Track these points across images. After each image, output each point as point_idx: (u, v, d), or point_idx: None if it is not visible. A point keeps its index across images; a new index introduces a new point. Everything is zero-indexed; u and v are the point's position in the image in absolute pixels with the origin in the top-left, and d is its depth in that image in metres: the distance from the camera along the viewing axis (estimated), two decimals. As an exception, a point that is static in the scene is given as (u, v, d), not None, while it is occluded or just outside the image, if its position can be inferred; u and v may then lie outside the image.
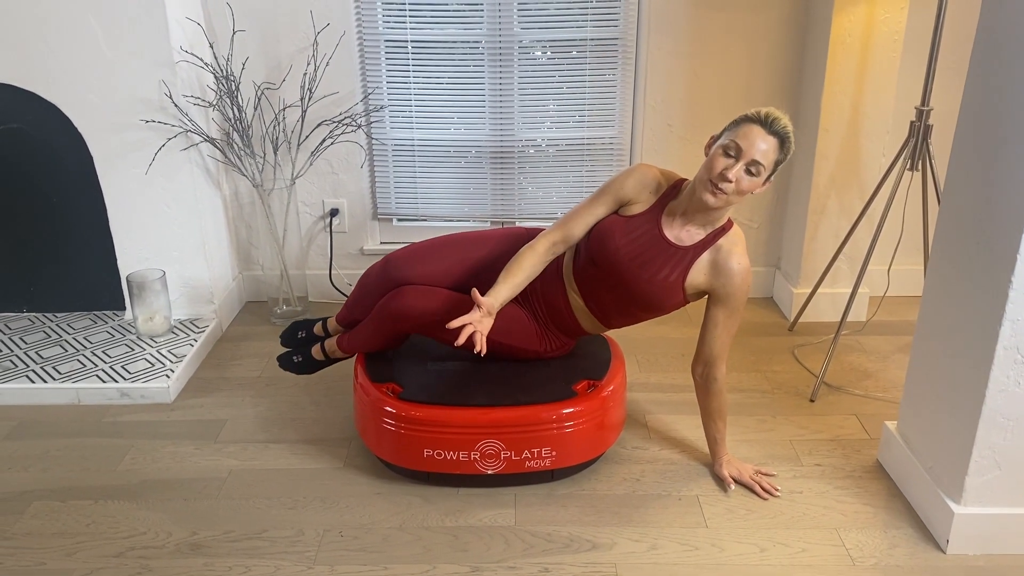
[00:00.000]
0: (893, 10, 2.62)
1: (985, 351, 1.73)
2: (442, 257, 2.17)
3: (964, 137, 1.82)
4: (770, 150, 1.82)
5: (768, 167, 1.84)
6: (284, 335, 2.49)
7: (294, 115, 2.93)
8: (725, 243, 1.94)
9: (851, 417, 2.41)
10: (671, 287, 1.95)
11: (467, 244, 2.19)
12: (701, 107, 2.98)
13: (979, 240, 1.75)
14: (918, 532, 1.94)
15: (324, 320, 2.44)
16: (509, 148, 3.07)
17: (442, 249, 2.18)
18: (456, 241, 2.20)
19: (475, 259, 2.17)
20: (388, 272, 2.17)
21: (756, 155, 1.81)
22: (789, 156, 1.88)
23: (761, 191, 1.90)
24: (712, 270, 1.94)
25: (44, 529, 1.97)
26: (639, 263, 1.94)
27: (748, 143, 1.82)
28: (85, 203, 2.78)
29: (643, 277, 1.94)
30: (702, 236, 1.94)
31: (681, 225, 1.95)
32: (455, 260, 2.16)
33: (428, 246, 2.20)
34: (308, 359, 2.40)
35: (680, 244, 1.94)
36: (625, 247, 1.95)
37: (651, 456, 2.24)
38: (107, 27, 2.52)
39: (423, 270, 2.15)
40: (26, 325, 2.87)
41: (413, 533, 1.95)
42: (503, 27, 2.89)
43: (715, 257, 1.94)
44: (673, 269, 1.94)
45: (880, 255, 2.98)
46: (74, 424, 2.41)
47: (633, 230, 1.96)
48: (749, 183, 1.84)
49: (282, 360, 2.43)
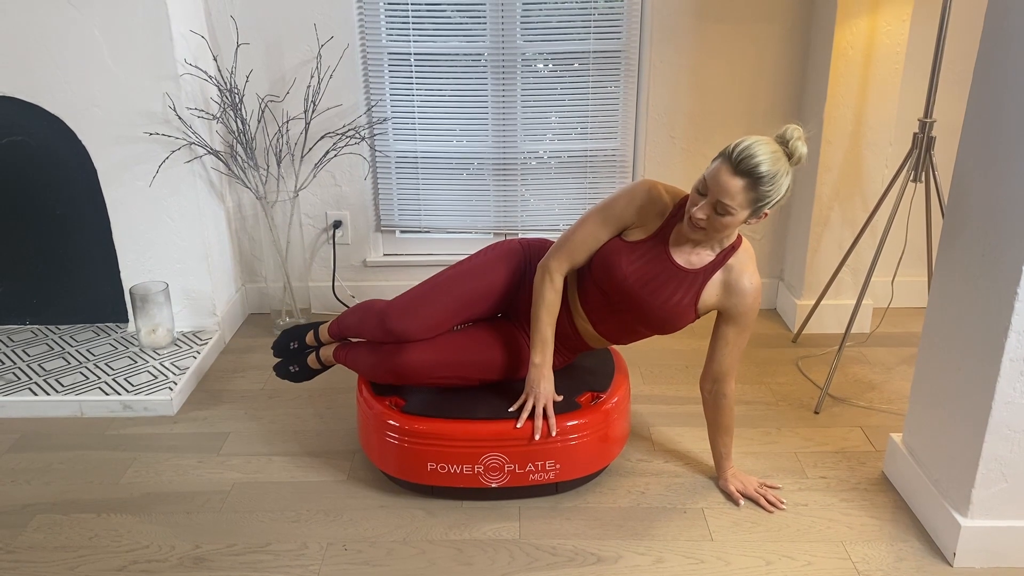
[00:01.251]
0: (895, 22, 2.63)
1: (991, 363, 1.72)
2: (439, 301, 2.06)
3: (968, 149, 1.82)
4: (737, 191, 1.71)
5: (739, 207, 1.74)
6: (276, 345, 2.46)
7: (298, 127, 2.93)
8: (736, 262, 1.90)
9: (856, 429, 2.40)
10: (684, 310, 1.92)
11: (462, 279, 2.09)
12: (704, 119, 2.98)
13: (984, 252, 1.74)
14: (924, 545, 1.93)
15: (315, 329, 2.39)
16: (512, 160, 3.07)
17: (438, 291, 2.07)
18: (451, 278, 2.09)
19: (473, 290, 2.07)
20: (387, 325, 2.05)
21: (721, 197, 1.72)
22: (772, 193, 1.74)
23: (755, 223, 1.82)
24: (724, 290, 1.91)
25: (47, 543, 1.96)
26: (650, 290, 1.90)
27: (714, 183, 1.73)
28: (88, 215, 2.78)
29: (655, 304, 1.91)
30: (712, 257, 1.90)
31: (691, 248, 1.90)
32: (453, 299, 2.06)
33: (423, 292, 2.08)
34: (305, 369, 2.39)
35: (690, 267, 1.90)
36: (633, 275, 1.91)
37: (656, 469, 2.23)
38: (112, 40, 2.53)
39: (422, 320, 2.04)
40: (29, 337, 2.87)
41: (417, 547, 1.94)
42: (506, 39, 2.90)
43: (727, 277, 1.90)
44: (685, 293, 1.90)
45: (884, 267, 2.98)
46: (77, 437, 2.40)
47: (640, 256, 1.91)
48: (722, 222, 1.76)
49: (278, 370, 2.42)
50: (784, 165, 1.74)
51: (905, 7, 2.61)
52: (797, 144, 1.76)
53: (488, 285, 2.09)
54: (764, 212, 1.78)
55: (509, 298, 2.12)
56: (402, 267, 3.21)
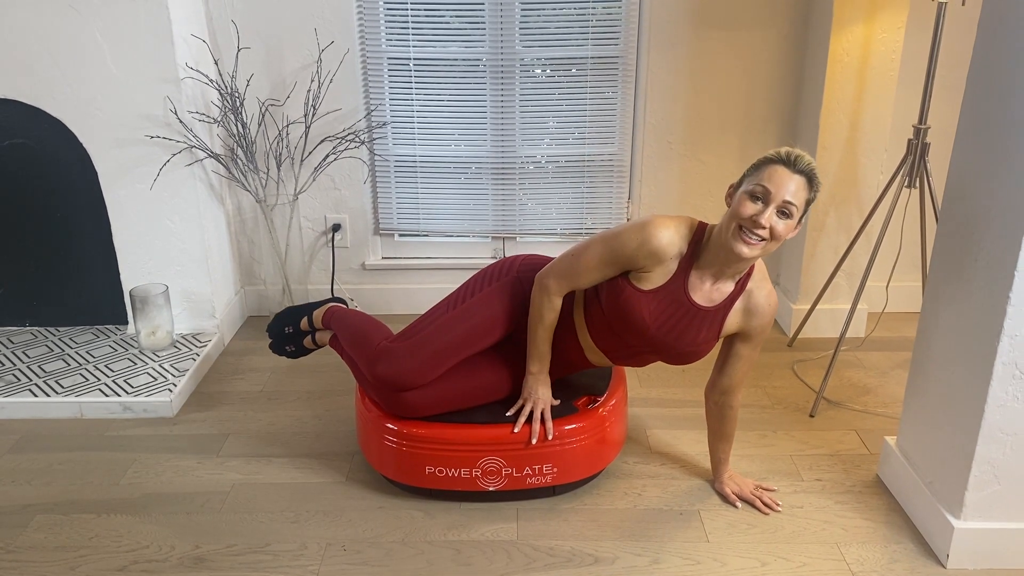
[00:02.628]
0: (890, 30, 2.66)
1: (984, 366, 1.75)
2: (445, 364, 2.01)
3: (961, 155, 1.84)
4: (799, 189, 1.72)
5: (800, 207, 1.74)
6: (270, 328, 2.42)
7: (298, 131, 2.95)
8: (753, 285, 1.89)
9: (851, 432, 2.42)
10: (708, 343, 1.92)
11: (469, 340, 2.02)
12: (701, 124, 3.01)
13: (977, 256, 1.77)
14: (918, 547, 1.95)
15: (310, 316, 2.36)
16: (510, 164, 3.09)
17: (444, 357, 2.00)
18: (458, 343, 2.01)
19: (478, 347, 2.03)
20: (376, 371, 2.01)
21: (787, 195, 1.71)
22: (817, 194, 1.79)
23: (794, 234, 1.81)
24: (745, 315, 1.91)
25: (47, 543, 1.97)
26: (674, 336, 1.89)
27: (776, 184, 1.71)
28: (89, 218, 2.80)
29: (680, 348, 1.90)
30: (731, 289, 1.88)
31: (711, 285, 1.87)
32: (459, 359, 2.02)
33: (430, 357, 2.00)
34: (300, 349, 2.42)
35: (711, 305, 1.88)
36: (655, 323, 1.87)
37: (652, 471, 2.24)
38: (113, 44, 2.54)
39: (429, 385, 2.02)
40: (29, 339, 2.88)
41: (416, 547, 1.96)
42: (504, 45, 2.92)
43: (747, 303, 1.90)
44: (709, 329, 1.89)
45: (879, 271, 3.00)
46: (77, 438, 2.41)
47: (659, 304, 1.87)
48: (784, 227, 1.73)
49: (274, 348, 2.42)
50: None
51: (900, 15, 2.64)
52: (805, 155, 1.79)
53: (487, 325, 2.03)
54: (803, 220, 1.80)
55: (508, 334, 2.08)
56: (401, 270, 3.23)
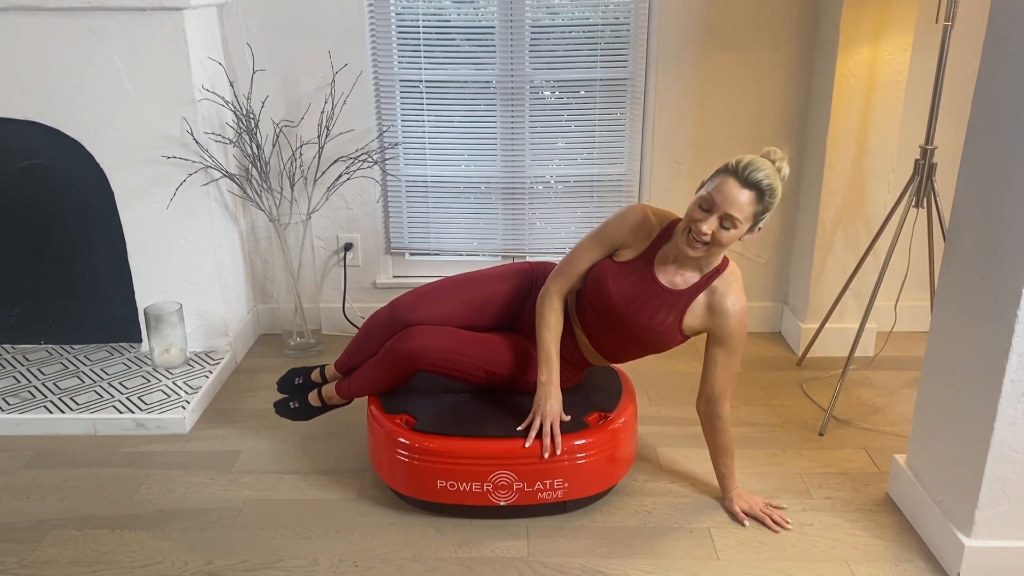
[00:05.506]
0: (896, 51, 2.69)
1: (992, 384, 1.75)
2: (448, 298, 2.20)
3: (967, 175, 1.86)
4: (746, 203, 1.79)
5: (745, 220, 1.81)
6: (281, 382, 2.56)
7: (311, 152, 2.99)
8: (720, 284, 1.96)
9: (860, 451, 2.43)
10: (668, 330, 1.98)
11: (471, 283, 2.23)
12: (709, 145, 3.04)
13: (984, 275, 1.78)
14: (929, 565, 1.95)
15: (322, 367, 2.50)
16: (519, 184, 3.13)
17: (447, 290, 2.22)
18: (460, 282, 2.24)
19: (480, 297, 2.21)
20: (395, 316, 2.20)
21: (730, 209, 1.79)
22: (772, 206, 1.84)
23: (751, 238, 1.88)
24: (708, 312, 1.97)
25: (61, 557, 1.99)
26: (634, 308, 1.97)
27: (722, 197, 1.80)
28: (105, 237, 2.84)
29: (639, 322, 1.98)
30: (696, 279, 1.96)
31: (675, 270, 1.97)
32: (461, 300, 2.20)
33: (433, 288, 2.23)
34: (305, 406, 2.45)
35: (674, 288, 1.96)
36: (618, 293, 1.98)
37: (663, 489, 2.25)
38: (132, 67, 2.60)
39: (430, 312, 2.18)
40: (44, 357, 2.91)
41: (427, 564, 1.97)
42: (515, 68, 2.97)
43: (710, 299, 1.96)
44: (669, 313, 1.96)
45: (887, 291, 3.01)
46: (91, 454, 2.43)
47: (626, 276, 1.99)
48: (727, 236, 1.82)
49: (278, 406, 2.49)
50: (779, 180, 1.84)
51: (906, 36, 2.67)
52: (782, 164, 1.86)
53: (493, 294, 2.21)
54: (758, 227, 1.86)
55: (513, 312, 2.21)
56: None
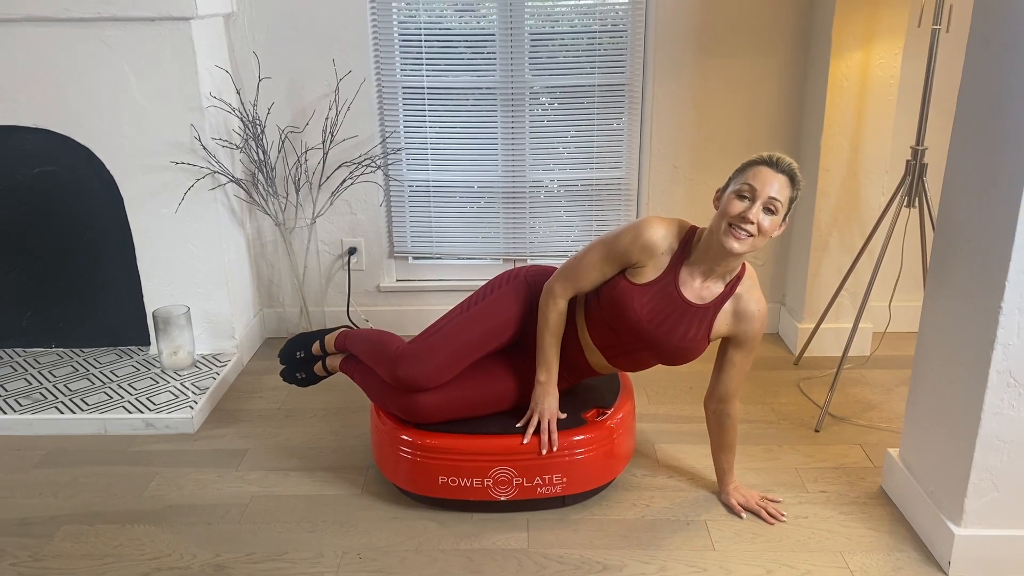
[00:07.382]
0: (888, 56, 2.74)
1: (979, 375, 1.80)
2: (449, 347, 2.09)
3: (953, 175, 1.91)
4: (783, 187, 1.85)
5: (784, 204, 1.86)
6: (282, 354, 2.50)
7: (316, 157, 3.06)
8: (743, 290, 1.99)
9: (855, 446, 2.47)
10: (698, 343, 1.99)
11: (471, 324, 2.13)
12: (706, 149, 3.09)
13: (970, 268, 1.83)
14: (921, 555, 1.99)
15: (321, 339, 2.44)
16: (520, 189, 3.18)
17: (447, 340, 2.11)
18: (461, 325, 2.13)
19: (482, 334, 2.12)
20: (397, 372, 2.09)
21: (772, 192, 1.84)
22: (799, 193, 1.91)
23: (779, 232, 1.91)
24: (735, 318, 1.99)
25: (73, 551, 2.04)
26: (664, 330, 1.97)
27: (761, 183, 1.84)
28: (114, 242, 2.90)
29: (671, 342, 1.98)
30: (721, 289, 1.98)
31: (701, 283, 1.97)
32: (463, 344, 2.10)
33: (434, 343, 2.11)
34: (311, 376, 2.47)
35: (702, 303, 1.97)
36: (646, 316, 1.97)
37: (660, 483, 2.29)
38: (140, 74, 2.66)
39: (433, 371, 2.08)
40: (55, 360, 2.97)
41: (429, 555, 2.01)
42: (515, 75, 3.03)
43: (736, 306, 1.99)
44: (699, 328, 1.98)
45: (881, 290, 3.05)
46: (101, 453, 2.49)
47: (652, 298, 1.97)
48: (770, 223, 1.85)
49: (285, 375, 2.49)
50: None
51: (897, 41, 2.72)
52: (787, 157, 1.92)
53: (499, 326, 2.13)
54: (787, 218, 1.90)
55: (519, 334, 2.18)
56: (415, 292, 3.31)
